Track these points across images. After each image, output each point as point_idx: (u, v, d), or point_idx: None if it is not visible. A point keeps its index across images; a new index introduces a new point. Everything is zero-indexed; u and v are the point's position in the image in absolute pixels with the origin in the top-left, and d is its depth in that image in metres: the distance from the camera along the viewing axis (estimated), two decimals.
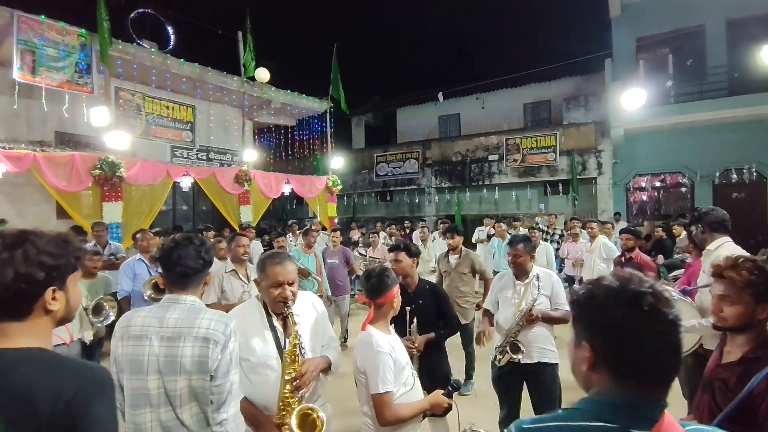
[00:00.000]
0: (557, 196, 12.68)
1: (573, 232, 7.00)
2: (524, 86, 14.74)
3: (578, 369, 0.93)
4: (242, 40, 9.86)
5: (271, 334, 1.91)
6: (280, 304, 1.88)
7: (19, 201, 7.25)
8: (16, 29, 6.56)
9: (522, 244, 2.97)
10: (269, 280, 1.89)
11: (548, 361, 2.87)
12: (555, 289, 2.94)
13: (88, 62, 7.32)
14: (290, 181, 9.75)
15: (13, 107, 6.98)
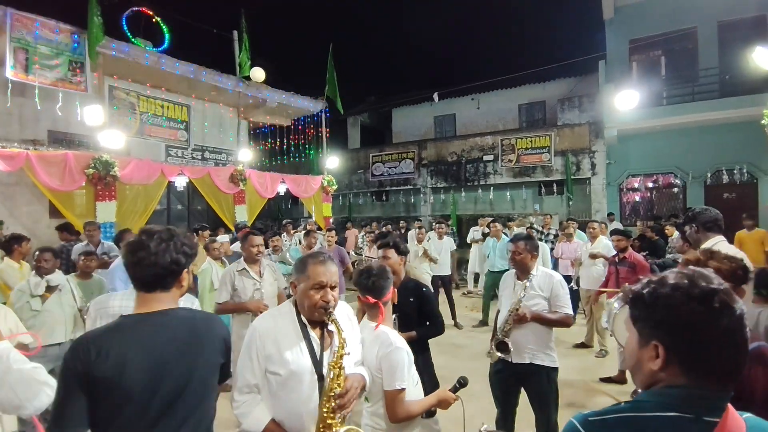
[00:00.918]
0: (552, 197, 12.76)
1: (567, 232, 7.06)
2: (519, 87, 14.81)
3: (643, 369, 0.93)
4: (238, 40, 9.84)
5: (305, 344, 1.67)
6: (321, 310, 1.65)
7: (10, 200, 7.19)
8: (9, 27, 6.52)
9: (523, 241, 2.94)
10: (309, 282, 1.67)
11: (541, 363, 2.82)
12: (555, 291, 2.88)
13: (82, 61, 7.28)
14: (285, 181, 9.75)
15: (6, 106, 6.93)
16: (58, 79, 7.05)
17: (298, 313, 1.73)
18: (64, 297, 3.65)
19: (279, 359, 1.63)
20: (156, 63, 8.24)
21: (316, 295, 1.66)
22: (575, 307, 6.85)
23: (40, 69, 6.86)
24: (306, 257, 1.77)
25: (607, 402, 4.19)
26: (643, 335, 0.93)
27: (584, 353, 5.69)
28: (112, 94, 8.23)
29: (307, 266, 1.70)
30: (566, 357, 5.31)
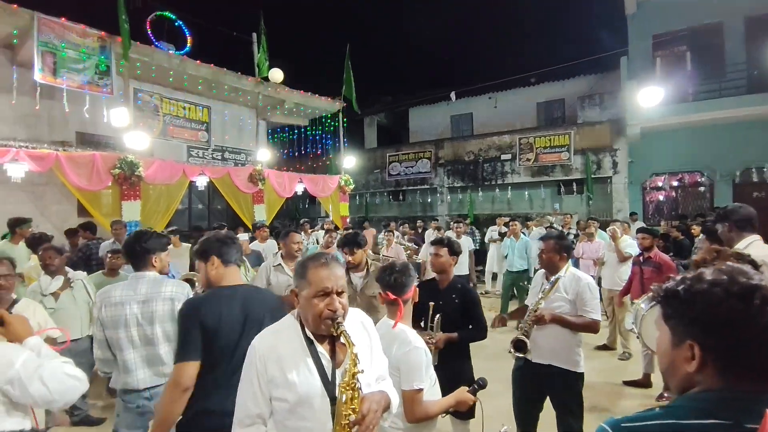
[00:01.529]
0: (571, 196, 12.55)
1: (588, 231, 6.93)
2: (537, 85, 14.64)
3: (678, 370, 0.89)
4: (256, 42, 9.98)
5: (313, 362, 1.44)
6: (327, 321, 1.42)
7: (40, 199, 7.45)
8: (36, 31, 6.72)
9: (552, 240, 2.88)
10: (312, 288, 1.44)
11: (561, 366, 2.75)
12: (581, 295, 2.75)
13: (108, 64, 7.49)
14: (303, 181, 9.85)
15: (35, 108, 7.18)
16: (85, 83, 7.26)
17: (302, 327, 1.49)
18: (77, 294, 3.72)
19: (284, 382, 1.41)
20: (178, 66, 8.43)
21: (320, 304, 1.42)
22: None
23: (68, 72, 7.08)
24: (305, 260, 1.53)
25: (632, 406, 4.13)
26: (676, 334, 0.89)
27: (606, 355, 5.57)
28: (136, 97, 8.45)
29: (308, 270, 1.47)
30: (587, 359, 5.13)
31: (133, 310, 2.31)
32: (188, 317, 1.92)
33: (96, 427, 3.76)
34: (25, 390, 1.34)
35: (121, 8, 7.07)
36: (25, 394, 1.34)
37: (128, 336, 2.31)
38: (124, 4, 7.11)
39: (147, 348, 2.33)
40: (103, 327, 2.34)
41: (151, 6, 8.54)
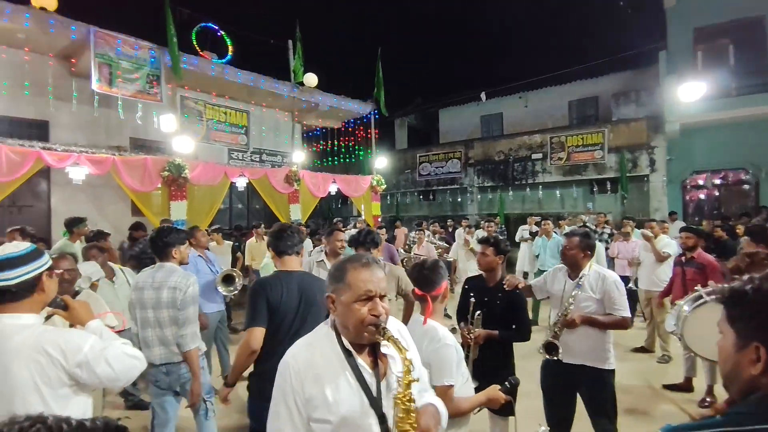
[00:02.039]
0: (605, 195, 12.28)
1: (624, 231, 6.83)
2: (569, 83, 14.38)
3: (741, 374, 0.85)
4: (292, 48, 10.37)
5: (353, 377, 1.29)
6: (371, 328, 1.27)
7: (99, 200, 8.06)
8: (93, 44, 7.27)
9: (578, 237, 2.80)
10: (353, 292, 1.30)
11: (593, 365, 2.70)
12: (608, 293, 2.69)
13: (158, 74, 8.01)
14: (336, 181, 10.13)
15: (93, 116, 7.78)
16: (137, 91, 7.80)
17: (338, 337, 1.33)
18: (119, 289, 3.92)
19: (324, 402, 1.25)
20: (221, 73, 8.90)
21: (362, 309, 1.28)
22: (633, 309, 6.63)
23: (122, 82, 7.62)
24: (344, 262, 1.39)
25: (671, 411, 4.08)
26: (742, 336, 0.85)
27: (644, 358, 5.43)
28: (182, 104, 8.97)
29: (347, 273, 1.33)
30: (624, 361, 5.11)
31: (149, 294, 2.66)
32: (257, 292, 2.32)
33: (147, 410, 4.05)
34: (93, 372, 1.43)
35: (170, 25, 7.55)
36: (92, 376, 1.43)
37: (145, 316, 2.67)
38: (172, 20, 7.59)
39: (158, 329, 2.66)
40: (132, 307, 2.77)
41: (196, 18, 9.06)
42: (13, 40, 6.89)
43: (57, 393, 1.40)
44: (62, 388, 1.41)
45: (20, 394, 1.35)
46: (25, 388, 1.36)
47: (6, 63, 7.06)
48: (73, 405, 1.44)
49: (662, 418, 3.81)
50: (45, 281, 1.50)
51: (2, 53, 7.00)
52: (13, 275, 1.42)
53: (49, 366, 1.38)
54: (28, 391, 1.36)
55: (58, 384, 1.40)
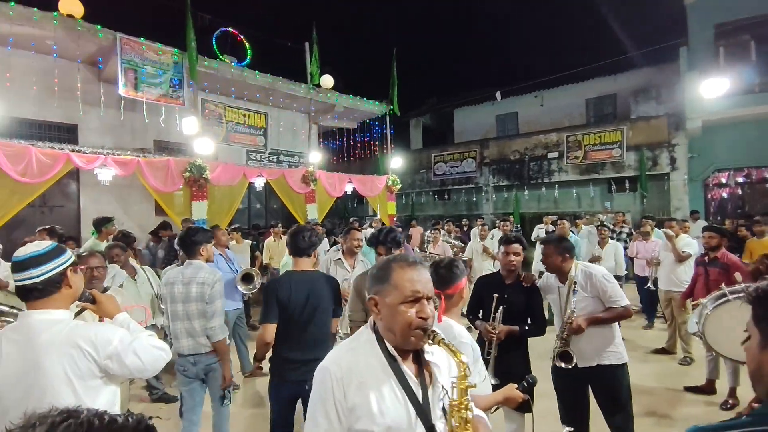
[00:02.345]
0: (623, 194, 12.11)
1: (644, 230, 6.74)
2: (586, 81, 14.19)
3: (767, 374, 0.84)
4: (309, 51, 10.52)
5: (399, 385, 1.21)
6: (418, 332, 1.20)
7: (125, 200, 8.33)
8: (119, 50, 7.51)
9: (551, 244, 2.81)
10: (399, 293, 1.22)
11: (609, 363, 2.70)
12: (602, 288, 2.69)
13: (180, 78, 8.24)
14: (352, 181, 10.25)
15: (120, 119, 8.04)
16: (161, 95, 8.03)
17: (380, 342, 1.25)
18: (141, 287, 4.05)
19: (368, 412, 1.16)
20: (240, 76, 9.10)
21: (409, 311, 1.21)
22: (654, 310, 6.55)
23: (147, 86, 7.86)
24: (388, 261, 1.31)
25: (693, 413, 4.03)
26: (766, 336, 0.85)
27: (665, 359, 5.33)
28: (203, 106, 9.20)
29: (392, 273, 1.25)
30: (645, 362, 5.07)
31: (179, 289, 2.86)
32: (268, 291, 2.61)
33: (172, 403, 4.16)
34: (122, 363, 1.49)
35: (189, 30, 7.76)
36: (122, 367, 1.50)
37: (175, 310, 2.87)
38: (192, 26, 7.80)
39: (187, 321, 2.84)
40: (163, 301, 3.01)
41: (216, 23, 9.29)
42: (43, 47, 7.18)
43: (88, 385, 1.46)
44: (93, 380, 1.47)
45: (52, 387, 1.40)
46: (58, 381, 1.41)
47: (37, 69, 7.36)
48: (103, 395, 1.50)
49: (684, 421, 3.77)
50: (70, 277, 1.56)
51: (33, 59, 7.30)
52: (38, 273, 1.48)
53: (80, 359, 1.44)
54: (60, 384, 1.41)
55: (90, 376, 1.46)
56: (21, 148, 5.87)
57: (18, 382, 1.40)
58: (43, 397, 1.37)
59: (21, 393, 1.39)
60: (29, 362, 1.41)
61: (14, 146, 5.85)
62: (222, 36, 9.31)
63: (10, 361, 1.42)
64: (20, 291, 1.51)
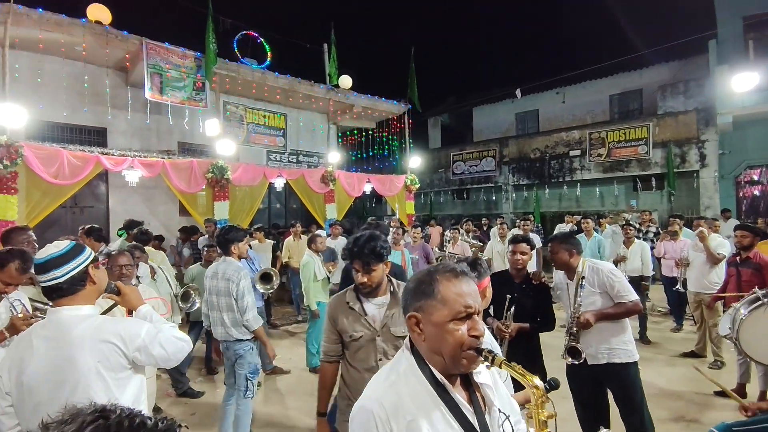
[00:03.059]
0: (650, 192, 11.75)
1: (672, 229, 6.51)
2: (610, 76, 13.85)
3: None
4: (327, 51, 10.60)
5: (453, 416, 1.05)
6: (471, 354, 1.05)
7: (150, 201, 8.59)
8: (145, 55, 7.74)
9: (558, 241, 2.87)
10: (448, 310, 1.06)
11: (619, 360, 2.70)
12: (609, 283, 2.69)
13: (203, 81, 8.43)
14: (371, 181, 10.27)
15: (146, 122, 8.28)
16: (185, 98, 8.24)
17: (423, 367, 1.09)
18: (160, 285, 4.14)
19: None
20: (260, 78, 9.25)
21: (460, 330, 1.05)
22: (683, 312, 6.34)
23: (171, 90, 8.07)
24: (432, 273, 1.12)
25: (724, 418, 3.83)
26: None
27: (694, 363, 5.19)
28: (225, 109, 9.40)
29: (438, 286, 1.08)
30: (674, 366, 4.94)
31: (215, 282, 3.22)
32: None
33: (197, 399, 4.29)
34: (150, 354, 1.56)
35: (209, 33, 7.93)
36: (149, 358, 1.57)
37: (212, 300, 3.24)
38: (212, 29, 7.97)
39: (219, 312, 3.20)
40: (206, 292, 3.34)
41: (237, 26, 9.46)
42: (73, 53, 7.46)
43: (117, 377, 1.51)
44: (122, 372, 1.53)
45: (85, 380, 1.44)
46: (90, 375, 1.45)
47: (68, 74, 7.64)
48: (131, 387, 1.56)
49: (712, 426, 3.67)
50: (93, 273, 1.61)
51: (64, 65, 7.59)
52: (61, 273, 1.52)
53: (111, 353, 1.49)
54: (92, 377, 1.45)
55: (119, 368, 1.51)
56: (53, 151, 6.12)
57: (51, 377, 1.44)
58: (75, 390, 1.42)
59: (53, 387, 1.43)
60: (62, 357, 1.45)
61: (47, 149, 6.10)
62: (243, 39, 9.48)
63: (42, 356, 1.46)
64: (46, 291, 1.56)
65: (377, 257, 2.00)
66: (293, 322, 7.14)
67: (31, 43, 6.95)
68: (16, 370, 1.47)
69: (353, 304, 2.06)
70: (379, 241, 2.03)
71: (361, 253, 2.00)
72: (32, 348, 1.47)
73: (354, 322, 2.03)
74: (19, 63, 7.02)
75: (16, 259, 2.23)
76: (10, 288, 2.25)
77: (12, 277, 2.22)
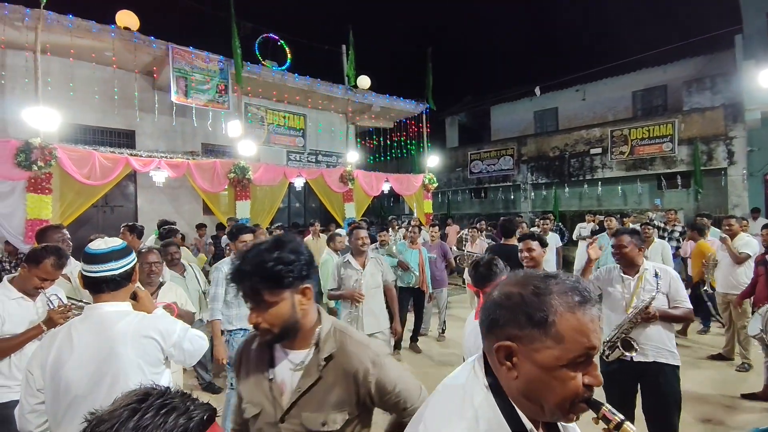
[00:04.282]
0: (675, 191, 11.45)
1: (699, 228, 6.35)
2: (633, 73, 13.53)
3: None
4: (345, 53, 10.71)
5: None
6: (582, 407, 0.81)
7: (176, 200, 8.86)
8: (171, 59, 7.98)
9: (627, 235, 2.80)
10: (565, 350, 0.77)
11: (666, 361, 2.67)
12: (673, 286, 2.70)
13: (225, 84, 8.65)
14: (389, 180, 10.33)
15: (171, 124, 8.55)
16: (208, 101, 8.46)
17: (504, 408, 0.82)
18: (189, 284, 4.21)
19: None
20: (280, 80, 9.42)
21: (576, 378, 0.78)
22: (709, 314, 6.17)
23: (196, 93, 8.30)
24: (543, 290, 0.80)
25: (752, 420, 3.84)
26: None
27: (722, 366, 5.05)
28: (246, 110, 9.60)
29: (554, 314, 0.78)
30: (700, 369, 4.84)
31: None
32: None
33: (216, 395, 4.39)
34: (182, 350, 1.65)
35: (235, 38, 8.14)
36: (180, 354, 1.66)
37: None
38: (237, 34, 8.16)
39: None
40: None
41: (258, 29, 9.67)
42: (103, 58, 7.76)
43: (154, 371, 1.58)
44: (158, 366, 1.61)
45: (125, 374, 1.50)
46: (131, 368, 1.51)
47: (98, 79, 7.96)
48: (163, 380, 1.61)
49: (740, 429, 3.60)
50: (137, 272, 1.71)
51: (95, 70, 7.91)
52: (118, 266, 1.60)
53: (151, 348, 1.57)
54: (133, 371, 1.51)
55: (156, 363, 1.60)
56: (85, 153, 6.39)
57: (91, 371, 1.48)
58: (115, 383, 1.47)
59: (93, 381, 1.48)
60: (105, 351, 1.50)
61: (79, 151, 6.38)
62: (263, 42, 9.68)
63: (84, 350, 1.49)
64: (94, 282, 1.58)
65: (271, 281, 1.15)
66: None
67: (62, 49, 7.21)
68: (53, 365, 1.49)
69: (260, 353, 1.27)
70: (282, 252, 1.17)
71: (244, 275, 1.17)
72: (72, 342, 1.50)
73: (254, 387, 1.26)
74: (52, 68, 7.30)
75: (52, 256, 2.25)
76: (46, 283, 2.28)
77: (48, 273, 2.25)
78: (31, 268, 2.23)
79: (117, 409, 0.69)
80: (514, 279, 0.86)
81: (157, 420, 0.68)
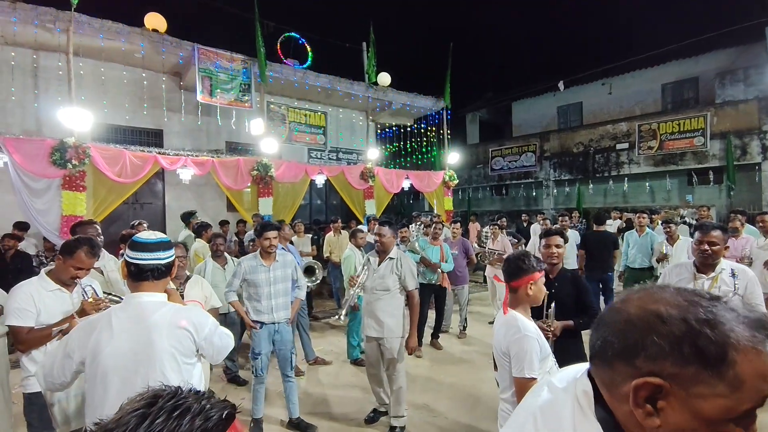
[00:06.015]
0: (706, 186, 11.03)
1: (733, 226, 6.12)
2: (662, 65, 13.05)
3: None
4: (366, 50, 10.73)
5: None
6: None
7: (201, 197, 9.09)
8: (197, 60, 8.17)
9: (719, 230, 2.60)
10: (739, 401, 0.59)
11: None
12: (750, 288, 2.56)
13: (249, 83, 8.80)
14: (410, 177, 10.32)
15: (197, 123, 8.76)
16: (232, 100, 8.64)
17: None
18: (228, 274, 4.32)
19: None
20: (302, 78, 9.52)
21: None
22: None
23: (220, 92, 8.48)
24: (719, 319, 0.60)
25: None
26: None
27: None
28: (269, 109, 9.74)
29: (736, 352, 0.58)
30: None
31: None
32: None
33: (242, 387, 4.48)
34: (211, 344, 1.69)
35: (259, 38, 8.26)
36: (210, 348, 1.69)
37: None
38: (260, 34, 8.29)
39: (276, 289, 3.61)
40: None
41: (280, 29, 9.78)
42: (133, 60, 8.01)
43: (186, 362, 1.62)
44: (191, 358, 1.65)
45: (161, 362, 1.55)
46: (166, 357, 1.56)
47: (128, 81, 8.23)
48: (196, 372, 1.67)
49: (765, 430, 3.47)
50: (176, 266, 1.77)
51: (124, 71, 8.17)
52: (166, 256, 1.67)
53: (184, 338, 1.61)
54: (168, 360, 1.56)
55: (189, 354, 1.63)
56: (116, 151, 6.62)
57: (130, 358, 1.53)
58: (151, 372, 1.52)
59: (131, 367, 1.52)
60: (142, 339, 1.55)
61: (111, 150, 6.61)
62: (285, 41, 9.79)
63: (124, 338, 1.54)
64: (141, 270, 1.63)
65: None
66: (334, 315, 7.33)
67: (93, 50, 7.44)
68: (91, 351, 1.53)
69: None
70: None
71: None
72: (112, 330, 1.55)
73: None
74: (84, 70, 7.55)
75: (84, 245, 2.28)
76: (81, 273, 2.31)
77: (82, 262, 2.27)
78: (66, 259, 2.27)
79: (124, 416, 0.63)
80: (662, 294, 0.64)
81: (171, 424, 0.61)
